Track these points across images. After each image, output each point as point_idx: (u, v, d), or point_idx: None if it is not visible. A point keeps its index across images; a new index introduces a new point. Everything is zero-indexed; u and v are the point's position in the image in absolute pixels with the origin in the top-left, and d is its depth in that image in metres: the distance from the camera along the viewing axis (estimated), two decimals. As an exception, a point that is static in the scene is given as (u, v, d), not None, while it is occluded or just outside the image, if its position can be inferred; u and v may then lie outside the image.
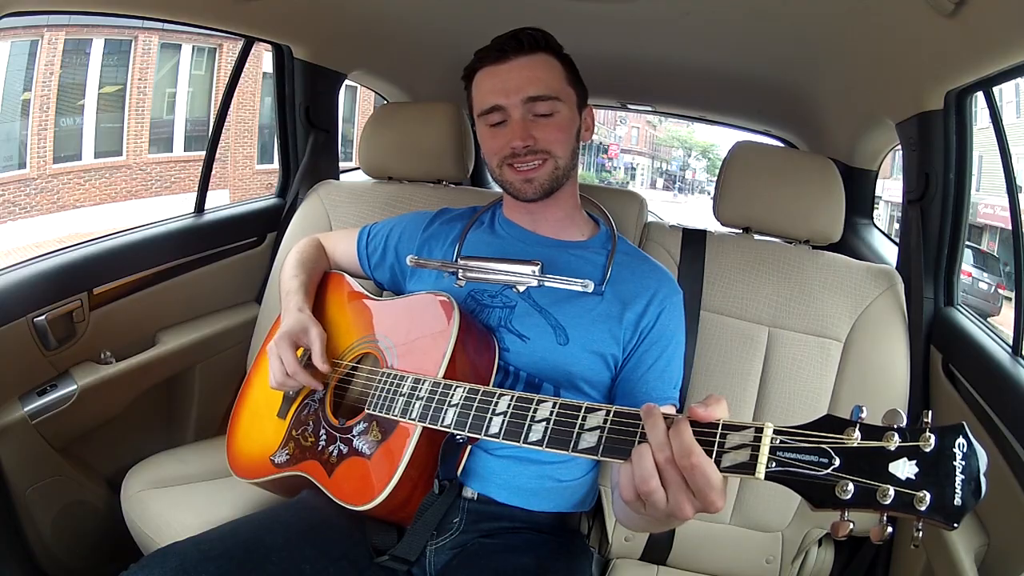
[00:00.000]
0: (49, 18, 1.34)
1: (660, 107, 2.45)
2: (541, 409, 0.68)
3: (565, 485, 0.93)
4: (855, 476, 0.51)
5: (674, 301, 0.97)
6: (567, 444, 0.65)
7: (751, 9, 1.23)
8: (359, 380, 0.92)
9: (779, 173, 1.22)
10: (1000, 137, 1.11)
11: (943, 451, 0.49)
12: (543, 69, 0.93)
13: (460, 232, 1.04)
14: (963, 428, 0.50)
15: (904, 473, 0.50)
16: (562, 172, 0.95)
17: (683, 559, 1.16)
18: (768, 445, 0.54)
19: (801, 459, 0.53)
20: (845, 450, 0.52)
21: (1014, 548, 0.91)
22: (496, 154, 0.94)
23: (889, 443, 0.50)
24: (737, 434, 0.56)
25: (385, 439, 0.83)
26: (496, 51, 0.93)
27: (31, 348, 1.14)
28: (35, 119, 6.47)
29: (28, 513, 1.16)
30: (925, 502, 0.48)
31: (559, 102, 0.93)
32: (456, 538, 0.89)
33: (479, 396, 0.75)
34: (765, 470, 0.53)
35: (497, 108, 0.92)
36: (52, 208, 6.71)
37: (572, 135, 0.96)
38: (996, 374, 0.99)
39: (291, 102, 1.61)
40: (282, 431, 0.96)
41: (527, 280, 0.94)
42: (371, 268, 1.11)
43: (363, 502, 0.80)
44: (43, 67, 6.38)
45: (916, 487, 0.49)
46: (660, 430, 0.58)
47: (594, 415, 0.65)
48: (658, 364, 0.93)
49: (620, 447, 0.62)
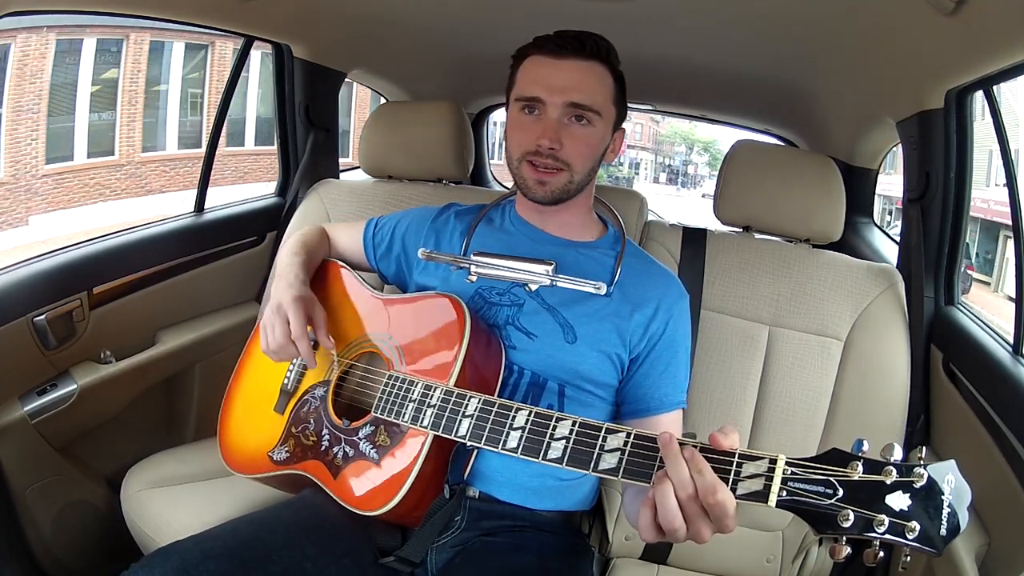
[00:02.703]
0: (135, 21, 1.36)
1: (660, 106, 2.45)
2: (560, 427, 0.70)
3: (566, 484, 0.93)
4: (855, 506, 0.55)
5: (682, 306, 0.97)
6: (587, 464, 0.67)
7: (751, 9, 1.23)
8: (363, 379, 0.91)
9: (779, 172, 1.22)
10: (1000, 136, 1.11)
11: (933, 487, 0.54)
12: (595, 79, 0.92)
13: (468, 227, 1.03)
14: (953, 466, 0.55)
15: (899, 505, 0.55)
16: (575, 186, 0.94)
17: (683, 559, 1.16)
18: (780, 476, 0.58)
19: (809, 489, 0.57)
20: (848, 482, 0.56)
21: (1014, 548, 0.91)
22: (520, 146, 0.93)
23: (887, 477, 0.55)
24: (752, 464, 0.60)
25: (394, 445, 0.82)
26: (556, 44, 0.91)
27: (31, 348, 1.14)
28: (123, 112, 7.27)
29: (28, 513, 1.16)
30: (914, 532, 0.54)
31: (598, 116, 0.92)
32: (457, 536, 0.89)
33: (495, 409, 0.75)
34: (776, 499, 0.58)
35: (537, 100, 0.91)
36: (140, 192, 7.54)
37: (598, 153, 0.95)
38: (997, 373, 0.99)
39: (291, 101, 1.61)
40: (280, 427, 0.95)
41: (540, 279, 0.94)
42: (376, 259, 1.10)
43: (373, 508, 0.80)
44: (130, 64, 7.12)
45: (908, 518, 0.54)
46: (683, 468, 0.60)
47: (614, 436, 0.67)
48: (669, 370, 0.93)
49: (641, 471, 0.64)
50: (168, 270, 1.37)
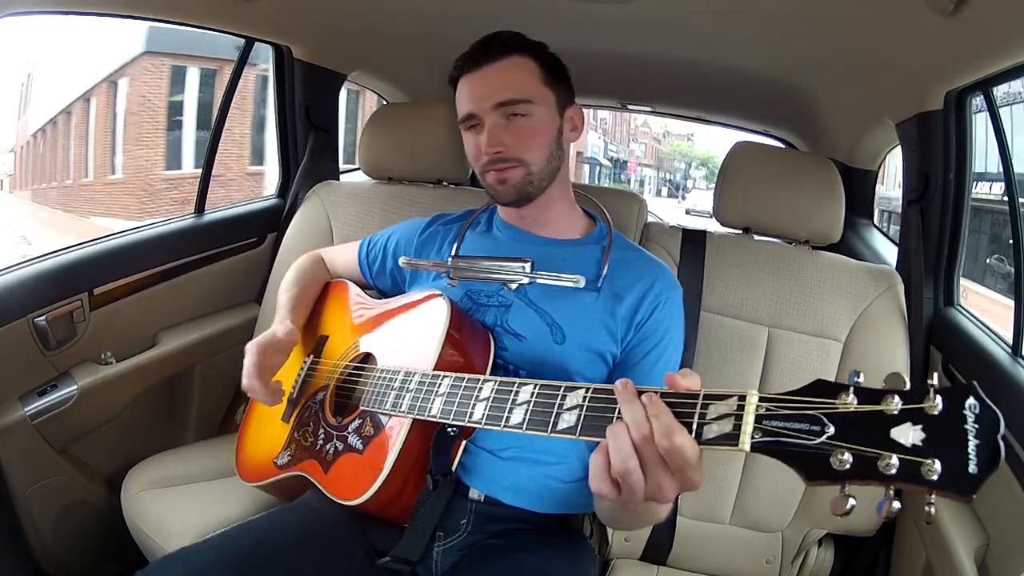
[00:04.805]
0: (228, 54, 1.39)
1: (660, 107, 2.45)
2: (523, 392, 0.67)
3: (568, 487, 0.93)
4: (852, 444, 0.45)
5: (671, 296, 0.96)
6: (546, 425, 0.62)
7: (751, 9, 1.23)
8: (356, 378, 0.93)
9: (779, 173, 1.22)
10: (1000, 137, 1.11)
11: (952, 413, 0.43)
12: (514, 72, 0.92)
13: (456, 235, 1.04)
14: (974, 388, 0.44)
15: (909, 439, 0.44)
16: (536, 177, 0.94)
17: (683, 559, 1.16)
18: (753, 413, 0.49)
19: (791, 427, 0.48)
20: (840, 416, 0.46)
21: (1014, 548, 0.91)
22: (475, 161, 0.96)
23: (889, 406, 0.45)
24: (720, 404, 0.52)
25: (376, 433, 0.84)
26: (470, 58, 0.93)
27: (31, 348, 1.14)
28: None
29: (28, 513, 1.16)
30: (935, 471, 0.42)
31: (532, 104, 0.92)
32: (464, 539, 0.89)
33: (464, 383, 0.74)
34: (751, 440, 0.49)
35: (471, 116, 0.93)
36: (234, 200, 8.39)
37: (549, 138, 0.94)
38: (996, 374, 0.99)
39: (291, 102, 1.61)
40: (285, 434, 0.98)
41: (518, 277, 0.94)
42: (373, 277, 1.13)
43: (354, 496, 0.81)
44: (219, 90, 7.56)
45: (924, 454, 0.43)
46: (638, 407, 0.55)
47: (573, 394, 0.62)
48: (648, 359, 0.92)
49: (600, 425, 0.58)
50: (169, 271, 1.37)
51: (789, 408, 0.48)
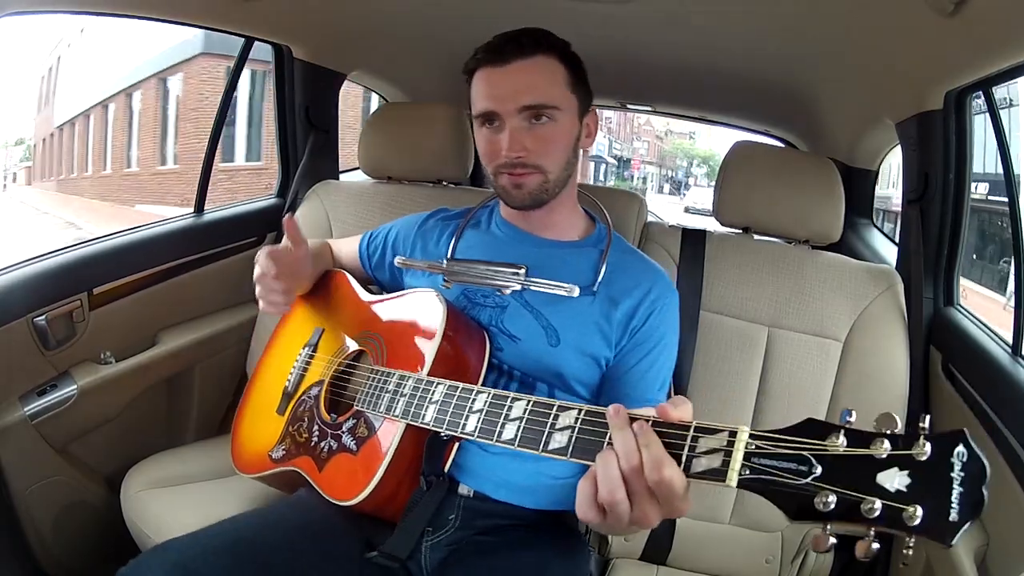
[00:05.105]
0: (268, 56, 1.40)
1: (660, 107, 2.45)
2: (516, 408, 0.66)
3: (561, 483, 0.92)
4: (837, 486, 0.46)
5: (667, 301, 0.95)
6: (537, 443, 0.62)
7: (751, 9, 1.23)
8: (353, 377, 0.93)
9: (779, 173, 1.22)
10: (1000, 137, 1.11)
11: (939, 460, 0.44)
12: (542, 73, 0.89)
13: (454, 231, 1.04)
14: (964, 435, 0.44)
15: (894, 485, 0.45)
16: (552, 185, 0.92)
17: (683, 559, 1.16)
18: (742, 451, 0.50)
19: (778, 466, 0.48)
20: (828, 457, 0.47)
21: (1014, 548, 0.91)
22: (490, 161, 0.93)
23: (878, 450, 0.46)
24: (709, 438, 0.52)
25: (371, 435, 0.84)
26: (495, 51, 0.89)
27: (31, 348, 1.14)
28: (267, 128, 8.09)
29: (28, 513, 1.16)
30: (916, 518, 0.43)
31: (557, 110, 0.89)
32: (452, 535, 0.88)
33: (458, 393, 0.74)
34: (738, 477, 0.49)
35: (492, 113, 0.90)
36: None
37: (568, 145, 0.93)
38: (996, 374, 0.99)
39: (291, 102, 1.61)
40: (280, 427, 0.97)
41: (512, 284, 0.94)
42: (372, 269, 1.12)
43: (349, 497, 0.81)
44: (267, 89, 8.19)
45: (907, 500, 0.44)
46: (629, 436, 0.54)
47: (566, 414, 0.62)
48: (641, 365, 0.92)
49: (591, 449, 0.59)
50: (168, 271, 1.37)
51: (779, 447, 0.49)
